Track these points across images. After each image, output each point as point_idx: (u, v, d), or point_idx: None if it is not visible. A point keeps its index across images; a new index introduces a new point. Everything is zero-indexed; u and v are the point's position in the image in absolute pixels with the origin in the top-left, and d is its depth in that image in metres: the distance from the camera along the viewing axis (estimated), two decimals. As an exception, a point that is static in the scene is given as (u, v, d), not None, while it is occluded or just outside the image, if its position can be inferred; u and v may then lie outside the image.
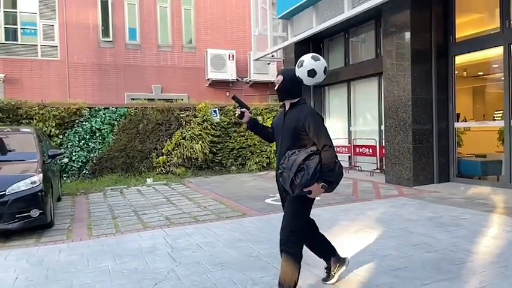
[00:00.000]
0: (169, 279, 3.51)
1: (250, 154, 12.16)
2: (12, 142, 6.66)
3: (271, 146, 11.76)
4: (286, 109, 3.02)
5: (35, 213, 5.23)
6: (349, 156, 11.00)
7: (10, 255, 4.40)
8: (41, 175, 5.53)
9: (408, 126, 8.07)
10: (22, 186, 5.23)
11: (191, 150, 11.13)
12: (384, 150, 9.04)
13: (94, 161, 10.43)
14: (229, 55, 15.91)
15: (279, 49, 12.27)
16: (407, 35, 8.00)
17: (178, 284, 3.42)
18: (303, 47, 11.74)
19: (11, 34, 14.01)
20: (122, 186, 9.57)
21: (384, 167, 9.30)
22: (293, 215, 2.86)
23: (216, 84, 16.06)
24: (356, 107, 11.18)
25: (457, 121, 8.36)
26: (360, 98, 11.02)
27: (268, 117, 12.10)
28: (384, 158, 9.20)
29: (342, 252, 3.39)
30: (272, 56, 12.86)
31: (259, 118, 12.07)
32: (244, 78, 16.42)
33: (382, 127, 9.51)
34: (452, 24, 8.11)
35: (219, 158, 11.86)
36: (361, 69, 10.55)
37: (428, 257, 3.85)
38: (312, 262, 3.75)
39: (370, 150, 9.98)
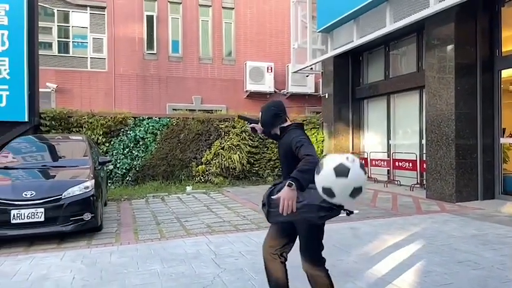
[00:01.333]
0: (216, 285, 3.66)
1: (287, 165, 12.22)
2: (66, 149, 7.12)
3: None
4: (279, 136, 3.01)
5: (87, 216, 5.55)
6: (388, 170, 10.86)
7: (65, 256, 4.70)
8: (93, 181, 5.87)
9: (451, 141, 7.92)
10: (76, 190, 5.57)
11: (229, 160, 11.36)
12: (424, 164, 8.89)
13: (137, 169, 10.86)
14: (267, 67, 16.16)
15: (318, 62, 12.36)
16: (451, 48, 7.91)
17: (224, 289, 3.56)
18: (342, 59, 11.82)
19: (63, 47, 14.93)
20: (162, 193, 9.90)
21: (424, 182, 9.13)
22: (305, 240, 2.78)
23: (254, 95, 16.31)
24: (396, 121, 11.06)
25: (502, 136, 8.12)
26: (400, 111, 10.90)
27: (305, 129, 12.14)
28: (424, 173, 9.04)
29: (383, 266, 3.41)
30: (311, 68, 12.95)
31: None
32: (282, 90, 16.57)
33: (423, 141, 9.35)
34: (499, 37, 7.94)
35: (256, 168, 12.02)
36: (402, 82, 10.45)
37: (474, 274, 3.80)
38: (353, 274, 3.81)
39: (410, 165, 9.81)
